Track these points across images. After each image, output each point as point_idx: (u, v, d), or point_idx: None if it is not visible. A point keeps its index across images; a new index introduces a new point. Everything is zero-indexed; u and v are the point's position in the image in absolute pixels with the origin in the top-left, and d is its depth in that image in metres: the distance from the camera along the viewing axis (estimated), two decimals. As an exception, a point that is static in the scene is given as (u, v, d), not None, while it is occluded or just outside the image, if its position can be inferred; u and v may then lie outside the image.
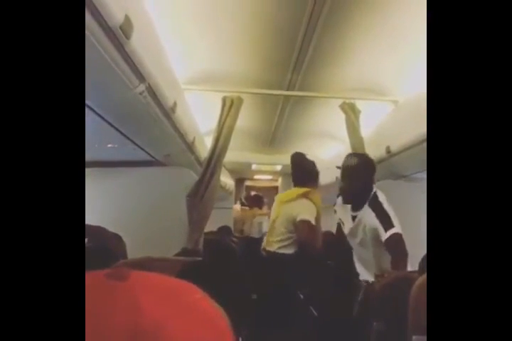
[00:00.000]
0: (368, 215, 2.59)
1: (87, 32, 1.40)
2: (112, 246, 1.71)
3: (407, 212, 2.79)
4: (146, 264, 1.67)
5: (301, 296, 3.53)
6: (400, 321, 1.60)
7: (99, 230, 1.76)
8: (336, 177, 2.79)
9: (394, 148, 3.14)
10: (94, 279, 0.53)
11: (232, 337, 0.56)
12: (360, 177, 2.65)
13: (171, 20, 2.31)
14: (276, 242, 3.35)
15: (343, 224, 2.78)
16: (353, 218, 2.67)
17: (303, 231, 3.22)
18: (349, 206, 2.72)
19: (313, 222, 3.22)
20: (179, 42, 2.53)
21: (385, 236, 2.47)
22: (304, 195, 3.37)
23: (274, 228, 3.41)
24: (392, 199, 2.73)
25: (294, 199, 3.39)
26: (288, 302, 3.20)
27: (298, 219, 3.24)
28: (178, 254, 2.64)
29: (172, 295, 0.53)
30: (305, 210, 3.28)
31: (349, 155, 2.76)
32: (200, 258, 1.60)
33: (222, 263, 1.76)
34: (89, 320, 0.49)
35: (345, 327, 2.56)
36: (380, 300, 2.01)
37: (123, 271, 0.54)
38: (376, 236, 2.54)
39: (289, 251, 3.29)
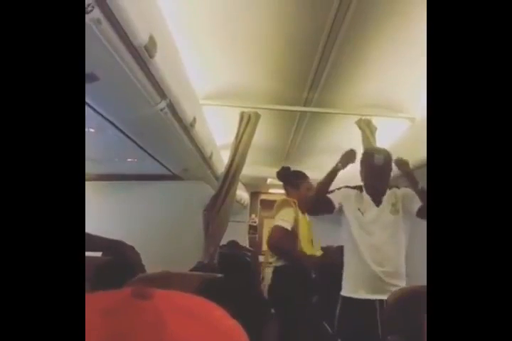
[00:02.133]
0: (401, 191, 2.69)
1: (112, 51, 1.44)
2: (131, 259, 1.73)
3: (422, 228, 2.78)
4: (163, 279, 1.68)
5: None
6: (415, 336, 1.59)
7: (120, 244, 1.78)
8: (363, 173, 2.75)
9: (410, 165, 3.13)
10: (121, 297, 0.55)
11: None
12: (389, 172, 2.70)
13: (190, 36, 2.34)
14: (270, 257, 3.38)
15: (361, 212, 2.68)
16: (377, 203, 2.67)
17: (270, 235, 3.23)
18: (364, 195, 2.71)
19: (285, 226, 3.19)
20: (198, 57, 2.57)
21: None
22: (284, 204, 3.38)
23: None
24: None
25: (276, 212, 3.40)
26: (299, 318, 3.18)
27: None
28: (193, 269, 2.65)
29: (195, 313, 0.54)
30: (281, 217, 3.26)
31: (374, 152, 2.75)
32: (219, 275, 1.61)
33: (240, 279, 1.77)
34: (110, 338, 0.50)
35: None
36: (394, 313, 2.00)
37: (147, 289, 0.55)
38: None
39: (280, 263, 3.28)
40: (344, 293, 2.64)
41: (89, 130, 2.13)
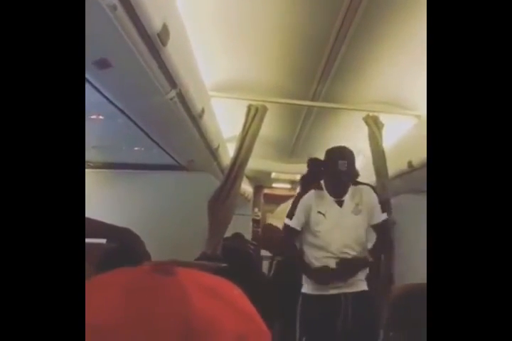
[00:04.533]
0: (366, 193, 2.65)
1: (126, 37, 1.45)
2: (137, 246, 1.74)
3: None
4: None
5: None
6: (417, 331, 1.60)
7: (125, 231, 1.79)
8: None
9: (416, 163, 3.14)
10: (141, 274, 0.55)
11: (269, 332, 0.58)
12: (352, 173, 2.67)
13: (201, 27, 2.34)
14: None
15: (323, 214, 2.63)
16: (340, 203, 2.63)
17: None
18: (325, 194, 2.66)
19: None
20: (207, 49, 2.57)
21: (381, 217, 2.61)
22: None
23: None
24: (413, 214, 2.74)
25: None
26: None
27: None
28: (197, 259, 2.66)
29: (216, 291, 0.55)
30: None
31: (339, 158, 2.62)
32: (224, 264, 1.62)
33: (242, 269, 1.78)
34: (136, 313, 0.51)
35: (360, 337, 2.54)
36: (395, 309, 2.01)
37: (170, 265, 0.56)
38: (370, 216, 2.62)
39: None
40: (304, 290, 2.64)
41: (99, 117, 2.14)
